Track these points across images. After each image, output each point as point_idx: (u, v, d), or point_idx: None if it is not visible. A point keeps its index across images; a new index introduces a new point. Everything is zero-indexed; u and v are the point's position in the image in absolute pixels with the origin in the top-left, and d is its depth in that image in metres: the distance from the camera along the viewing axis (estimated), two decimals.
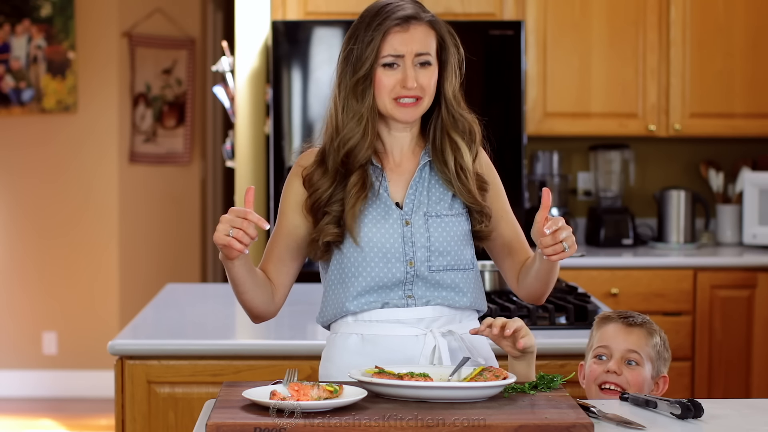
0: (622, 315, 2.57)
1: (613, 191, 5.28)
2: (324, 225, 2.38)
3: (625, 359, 2.49)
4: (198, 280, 6.95)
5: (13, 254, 6.50)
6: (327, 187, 2.39)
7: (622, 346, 2.50)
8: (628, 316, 2.56)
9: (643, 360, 2.49)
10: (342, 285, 2.41)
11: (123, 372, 2.96)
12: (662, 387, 2.54)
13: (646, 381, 2.49)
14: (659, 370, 2.53)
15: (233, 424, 1.99)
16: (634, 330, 2.52)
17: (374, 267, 2.39)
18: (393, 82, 2.38)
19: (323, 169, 2.41)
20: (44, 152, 6.47)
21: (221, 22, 7.36)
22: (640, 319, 2.55)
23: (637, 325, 2.52)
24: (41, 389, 6.43)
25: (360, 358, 2.37)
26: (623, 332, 2.52)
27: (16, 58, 6.41)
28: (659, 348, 2.52)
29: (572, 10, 5.02)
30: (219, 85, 5.06)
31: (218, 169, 7.41)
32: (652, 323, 2.55)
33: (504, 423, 2.00)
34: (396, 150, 2.47)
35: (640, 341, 2.51)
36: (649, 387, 2.51)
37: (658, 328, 2.56)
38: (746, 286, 4.78)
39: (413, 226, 2.41)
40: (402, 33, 2.37)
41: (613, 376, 2.48)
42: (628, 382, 2.47)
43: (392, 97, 2.38)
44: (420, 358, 2.38)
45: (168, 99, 6.70)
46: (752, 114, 5.08)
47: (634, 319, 2.53)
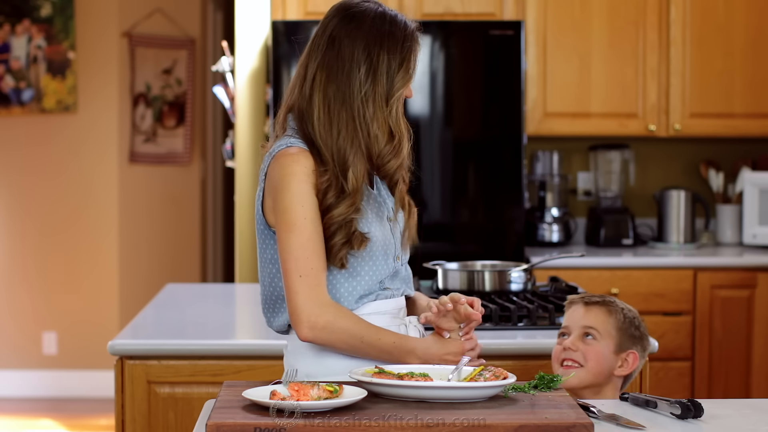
0: (584, 296, 2.67)
1: (613, 191, 5.28)
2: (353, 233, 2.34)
3: (582, 335, 2.58)
4: (198, 280, 6.95)
5: (14, 254, 6.50)
6: (346, 207, 2.33)
7: (579, 323, 2.60)
8: (587, 296, 2.66)
9: (600, 335, 2.57)
10: (338, 284, 2.39)
11: (123, 372, 2.96)
12: (631, 363, 2.59)
13: (604, 355, 2.56)
14: (624, 346, 2.59)
15: (233, 424, 1.99)
16: (592, 308, 2.61)
17: (378, 265, 2.39)
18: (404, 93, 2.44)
19: (338, 189, 2.33)
20: (44, 152, 6.47)
21: (221, 22, 7.36)
22: (600, 298, 2.64)
23: (595, 304, 2.61)
24: (41, 389, 6.43)
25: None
26: (582, 310, 2.62)
27: (16, 58, 6.41)
28: (622, 325, 2.59)
29: (572, 10, 5.01)
30: (219, 85, 5.06)
31: (218, 169, 7.41)
32: (615, 303, 2.62)
33: (504, 423, 2.00)
34: None
35: (597, 317, 2.59)
36: (611, 361, 2.57)
37: (624, 309, 2.63)
38: (746, 286, 4.78)
39: (392, 220, 2.45)
40: (419, 49, 2.46)
41: (570, 352, 2.57)
42: (584, 356, 2.55)
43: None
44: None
45: (168, 99, 6.70)
46: (752, 114, 5.08)
47: (592, 298, 2.63)
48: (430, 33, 4.70)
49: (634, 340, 2.61)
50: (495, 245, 4.66)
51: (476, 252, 4.48)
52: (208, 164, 7.19)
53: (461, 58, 4.73)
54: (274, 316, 2.45)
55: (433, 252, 4.11)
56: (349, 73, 2.36)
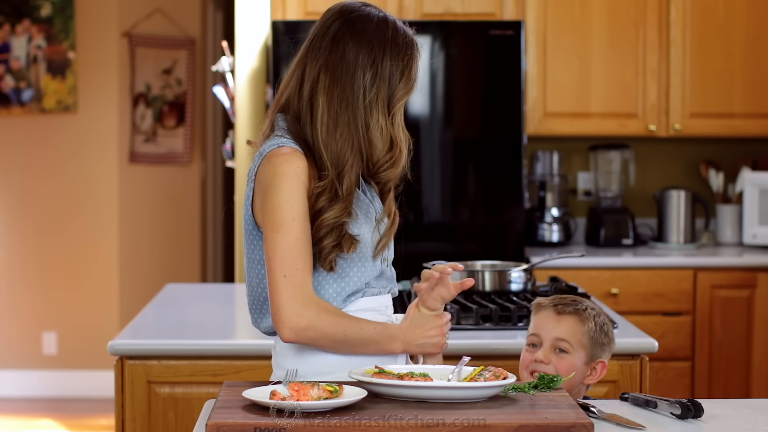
0: (555, 302, 2.57)
1: (613, 191, 5.28)
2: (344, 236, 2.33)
3: (555, 347, 2.51)
4: (198, 280, 6.95)
5: (14, 254, 6.50)
6: (338, 211, 2.32)
7: (551, 334, 2.52)
8: (558, 303, 2.56)
9: (573, 348, 2.51)
10: (326, 284, 2.39)
11: (123, 372, 2.96)
12: (600, 372, 2.54)
13: (576, 368, 2.50)
14: (594, 355, 2.53)
15: (233, 424, 1.99)
16: (564, 318, 2.53)
17: (366, 267, 2.38)
18: None
19: (332, 193, 2.32)
20: (44, 152, 6.47)
21: (221, 22, 7.36)
22: (572, 307, 2.54)
23: (568, 313, 2.53)
24: (41, 389, 6.43)
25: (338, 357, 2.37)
26: (553, 320, 2.53)
27: (16, 58, 6.41)
28: (594, 334, 2.52)
29: (572, 10, 5.02)
30: (219, 85, 5.06)
31: (218, 169, 7.41)
32: (586, 310, 2.54)
33: (504, 423, 2.00)
34: None
35: (570, 329, 2.51)
36: (582, 373, 2.52)
37: (595, 314, 2.55)
38: (746, 286, 4.78)
39: (380, 223, 2.43)
40: (419, 59, 2.43)
41: (542, 365, 2.50)
42: (556, 370, 2.49)
43: None
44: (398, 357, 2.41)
45: (168, 99, 6.70)
46: (752, 114, 5.08)
47: (564, 307, 2.54)
48: (430, 33, 4.70)
49: (603, 347, 2.55)
50: (495, 245, 4.66)
51: (476, 252, 4.48)
52: (208, 164, 7.19)
53: (461, 58, 4.73)
54: (262, 317, 2.45)
55: (433, 252, 4.12)
56: (354, 77, 2.34)
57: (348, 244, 2.33)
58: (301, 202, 2.30)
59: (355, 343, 2.33)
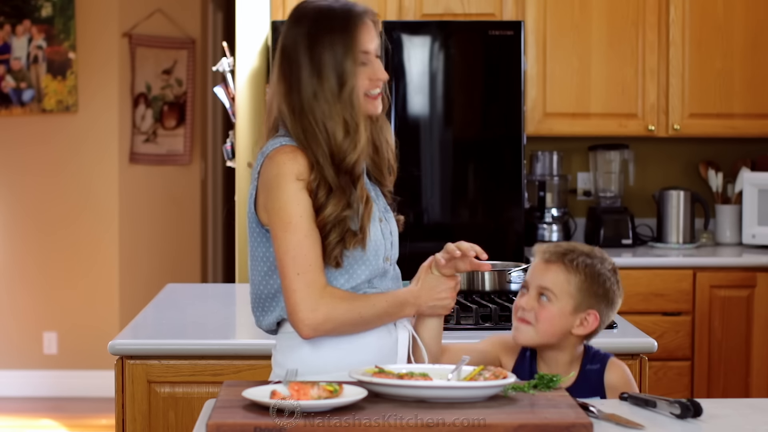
0: (545, 250, 2.55)
1: (613, 191, 5.29)
2: (347, 231, 2.33)
3: (538, 294, 2.49)
4: (198, 280, 6.95)
5: (14, 254, 6.50)
6: (335, 205, 2.33)
7: (536, 282, 2.51)
8: (547, 251, 2.53)
9: (556, 297, 2.48)
10: (333, 281, 2.39)
11: (123, 372, 2.96)
12: (591, 323, 2.49)
13: (556, 318, 2.47)
14: (584, 305, 2.48)
15: (233, 424, 1.99)
16: (550, 266, 2.50)
17: (370, 265, 2.39)
18: (366, 77, 2.38)
19: (327, 188, 2.33)
20: (45, 152, 6.48)
21: (221, 22, 7.36)
22: (560, 257, 2.51)
23: (554, 262, 2.50)
24: (41, 389, 6.43)
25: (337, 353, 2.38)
26: (540, 268, 2.52)
27: (17, 59, 6.42)
28: (582, 284, 2.48)
29: (572, 10, 5.02)
30: (219, 85, 5.06)
31: (218, 169, 7.41)
32: (576, 260, 2.50)
33: (504, 423, 2.00)
34: None
35: (555, 278, 2.48)
36: (566, 322, 2.48)
37: (588, 265, 2.50)
38: (746, 286, 4.78)
39: (383, 221, 2.44)
40: (371, 29, 2.39)
41: (523, 311, 2.50)
42: (536, 317, 2.48)
43: (365, 91, 2.38)
44: (399, 348, 2.41)
45: (168, 99, 6.70)
46: (752, 114, 5.08)
47: (551, 256, 2.51)
48: (430, 33, 4.70)
49: (597, 298, 2.50)
50: (495, 245, 4.66)
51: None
52: (208, 164, 7.20)
53: (461, 58, 4.73)
54: (264, 315, 2.45)
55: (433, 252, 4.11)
56: (299, 77, 2.36)
57: (351, 239, 2.34)
58: (306, 199, 2.32)
59: (370, 321, 2.37)
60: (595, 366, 2.53)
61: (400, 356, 2.42)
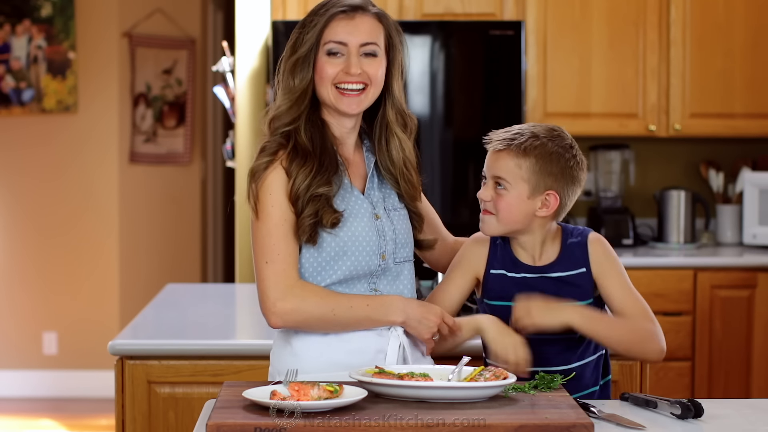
0: (494, 138, 2.51)
1: (613, 191, 5.28)
2: (324, 209, 2.35)
3: (494, 184, 2.48)
4: (198, 280, 6.95)
5: (14, 254, 6.50)
6: (305, 176, 2.34)
7: (490, 171, 2.49)
8: (495, 139, 2.50)
9: (510, 184, 2.46)
10: (318, 275, 2.39)
11: (123, 372, 2.96)
12: (552, 204, 2.48)
13: (515, 204, 2.46)
14: (542, 186, 2.46)
15: (233, 424, 1.99)
16: (501, 155, 2.47)
17: (352, 259, 2.38)
18: (336, 70, 2.38)
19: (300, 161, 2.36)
20: (44, 152, 6.47)
21: (221, 22, 7.36)
22: (507, 143, 2.47)
23: (503, 149, 2.47)
24: (41, 389, 6.43)
25: (330, 354, 2.37)
26: (492, 158, 2.49)
27: (17, 59, 6.41)
28: (534, 166, 2.44)
29: (572, 10, 5.02)
30: (219, 85, 5.06)
31: (218, 169, 7.41)
32: (525, 143, 2.45)
33: (504, 423, 2.00)
34: (346, 145, 2.47)
35: (505, 165, 2.46)
36: (527, 207, 2.47)
37: (540, 144, 2.46)
38: (746, 286, 4.78)
39: (382, 219, 2.43)
40: (347, 21, 2.37)
41: (483, 203, 2.49)
42: (495, 206, 2.47)
43: (334, 83, 2.38)
44: (388, 351, 2.40)
45: (168, 99, 6.70)
46: (752, 114, 5.08)
47: (499, 144, 2.48)
48: (430, 33, 4.70)
49: (554, 177, 2.47)
50: None
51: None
52: (208, 164, 7.19)
53: (461, 58, 4.73)
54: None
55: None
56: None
57: (328, 217, 2.34)
58: (281, 189, 2.34)
59: (347, 322, 2.35)
60: (576, 239, 2.55)
61: (408, 354, 2.42)
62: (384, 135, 2.48)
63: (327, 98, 2.39)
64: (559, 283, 2.48)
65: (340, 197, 2.40)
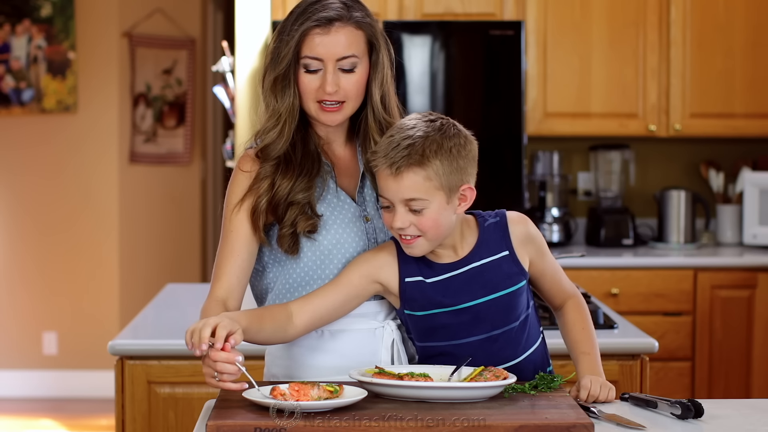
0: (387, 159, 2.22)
1: (614, 191, 5.28)
2: (296, 216, 2.33)
3: (407, 210, 2.23)
4: (198, 280, 6.95)
5: (14, 254, 6.50)
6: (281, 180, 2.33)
7: (398, 196, 2.22)
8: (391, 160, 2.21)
9: (428, 200, 2.22)
10: (306, 285, 2.38)
11: (123, 372, 2.96)
12: (470, 195, 2.27)
13: (440, 215, 2.24)
14: (456, 184, 2.24)
15: (233, 425, 1.99)
16: (403, 176, 2.20)
17: (339, 266, 2.36)
18: (315, 86, 2.33)
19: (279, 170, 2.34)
20: (44, 152, 6.47)
21: (221, 22, 7.36)
22: (407, 159, 2.20)
23: (405, 168, 2.20)
24: (41, 389, 6.43)
25: (324, 355, 2.37)
26: (392, 182, 2.22)
27: (17, 58, 6.41)
28: (443, 170, 2.21)
29: (572, 10, 5.02)
30: (219, 85, 5.06)
31: (218, 169, 7.41)
32: (423, 150, 2.21)
33: (504, 423, 2.00)
34: (335, 144, 2.45)
35: (413, 185, 2.21)
36: (449, 211, 2.25)
37: (434, 140, 2.22)
38: (746, 286, 4.78)
39: (373, 221, 2.41)
40: (322, 36, 2.30)
41: (403, 230, 2.24)
42: (419, 229, 2.23)
43: (316, 100, 2.34)
44: (381, 350, 2.39)
45: (168, 99, 6.70)
46: (752, 114, 5.08)
47: (399, 163, 2.20)
48: (430, 33, 4.70)
49: (461, 169, 2.24)
50: None
51: None
52: (208, 164, 7.19)
53: (461, 58, 4.73)
54: None
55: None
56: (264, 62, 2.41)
57: (303, 224, 2.33)
58: (242, 192, 2.35)
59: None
60: (494, 219, 2.37)
61: (401, 351, 2.41)
62: (369, 140, 2.43)
63: (309, 111, 2.38)
64: (484, 270, 2.32)
65: (326, 202, 2.38)
